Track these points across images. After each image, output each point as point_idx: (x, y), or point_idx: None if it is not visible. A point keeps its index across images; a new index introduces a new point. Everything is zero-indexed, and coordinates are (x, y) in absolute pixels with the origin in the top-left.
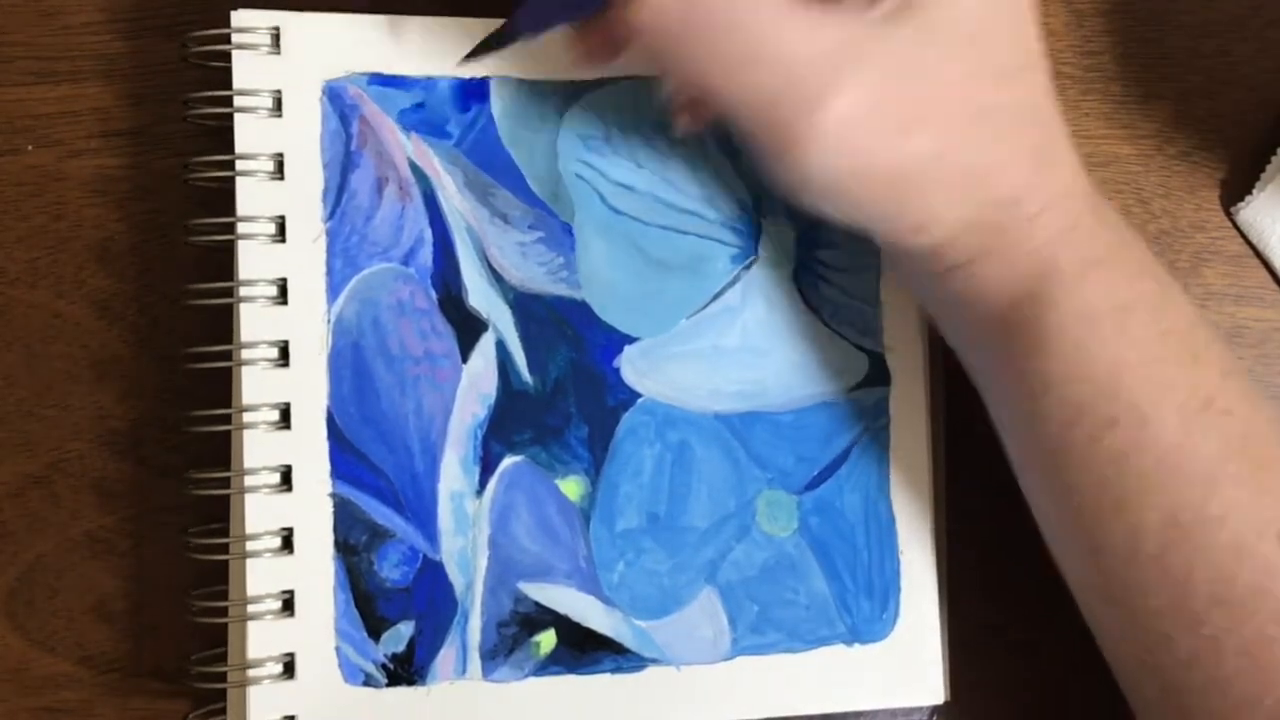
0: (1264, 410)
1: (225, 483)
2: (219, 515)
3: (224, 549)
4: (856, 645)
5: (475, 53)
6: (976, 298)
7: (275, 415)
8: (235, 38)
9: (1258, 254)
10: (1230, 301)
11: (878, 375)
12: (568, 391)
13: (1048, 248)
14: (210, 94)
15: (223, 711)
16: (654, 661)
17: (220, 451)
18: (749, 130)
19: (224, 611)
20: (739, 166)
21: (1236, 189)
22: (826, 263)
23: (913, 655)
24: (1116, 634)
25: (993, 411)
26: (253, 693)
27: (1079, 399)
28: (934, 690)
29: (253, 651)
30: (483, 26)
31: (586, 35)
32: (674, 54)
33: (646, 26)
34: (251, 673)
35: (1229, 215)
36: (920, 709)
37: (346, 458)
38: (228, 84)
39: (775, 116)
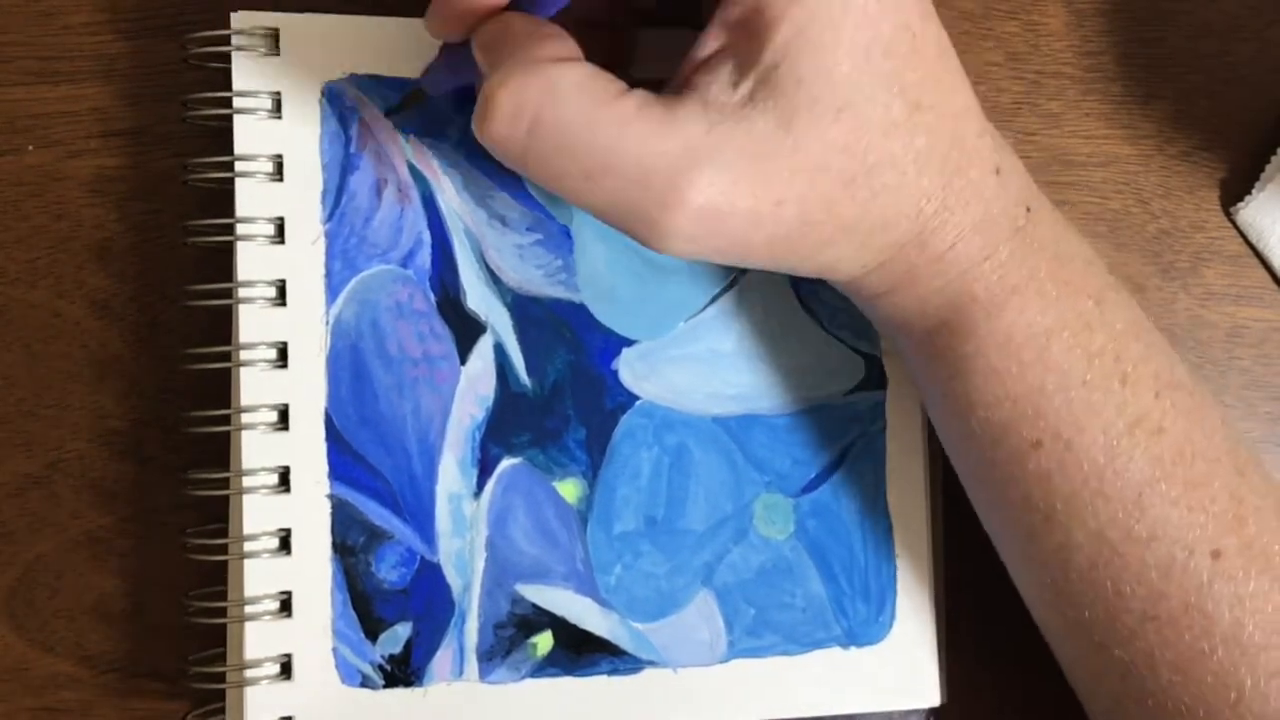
0: (1203, 424)
1: (224, 483)
2: (219, 515)
3: (222, 549)
4: (852, 648)
5: (395, 109)
6: (900, 323)
7: (274, 416)
8: (235, 39)
9: (1257, 254)
10: (1230, 301)
11: (874, 379)
12: (566, 394)
13: (960, 280)
14: (210, 95)
15: (221, 711)
16: (650, 664)
17: (220, 451)
18: (614, 227)
19: (222, 612)
20: None
21: (1236, 189)
22: None
23: (908, 658)
24: (1060, 640)
25: (931, 418)
26: (250, 693)
27: (1000, 421)
28: (930, 693)
29: (250, 652)
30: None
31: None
32: (526, 167)
33: (494, 142)
34: (249, 673)
35: (1229, 215)
36: (916, 711)
37: (344, 459)
38: (227, 85)
39: (634, 218)
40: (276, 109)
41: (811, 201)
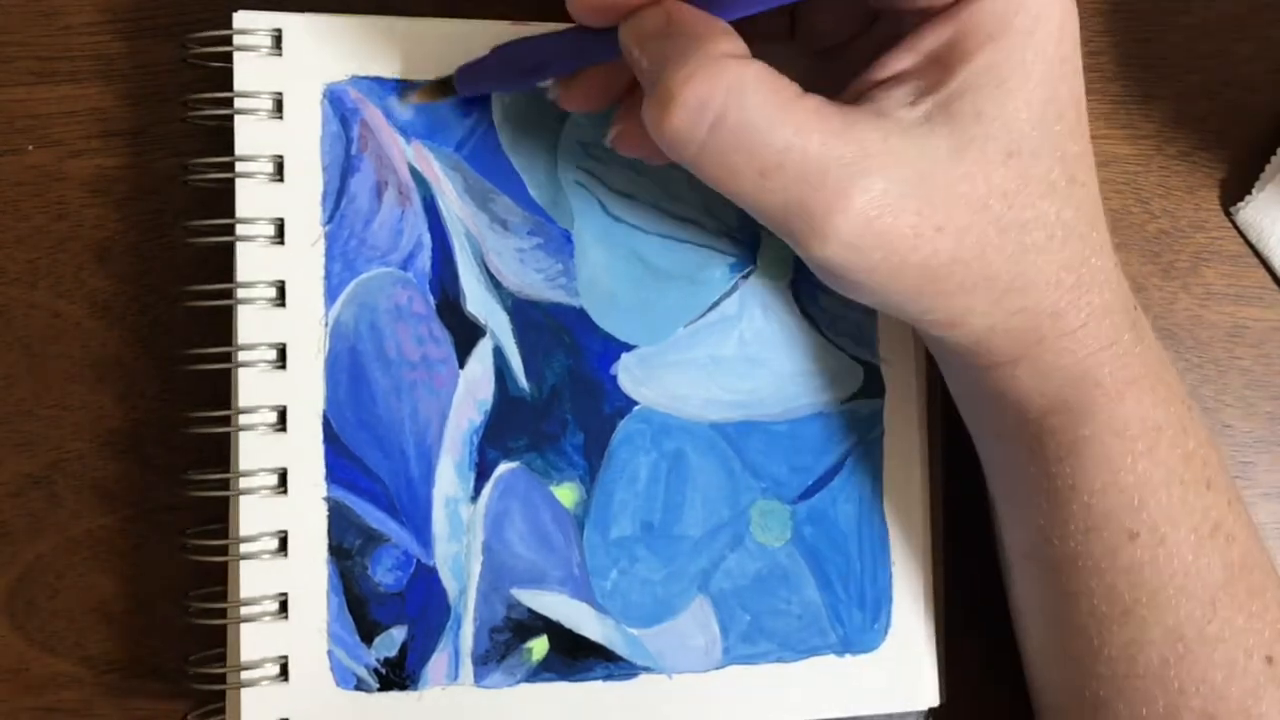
0: (1257, 539)
1: (223, 484)
2: (219, 516)
3: (221, 550)
4: (848, 655)
5: (411, 97)
6: (1011, 399)
7: (273, 417)
8: (236, 39)
9: (1257, 254)
10: (1230, 301)
11: (873, 386)
12: (564, 398)
13: (1087, 362)
14: (210, 95)
15: (221, 712)
16: (646, 669)
17: (220, 452)
18: (773, 227)
19: (222, 613)
20: None
21: (1236, 189)
22: None
23: (904, 666)
24: None
25: (1005, 512)
26: (245, 695)
27: (1104, 509)
28: (925, 700)
29: (246, 654)
30: (484, 30)
31: (574, 87)
32: (697, 163)
33: (669, 138)
34: (246, 674)
35: (1229, 215)
36: (911, 714)
37: (341, 461)
38: (228, 85)
39: (798, 218)
40: (278, 109)
41: (968, 236)
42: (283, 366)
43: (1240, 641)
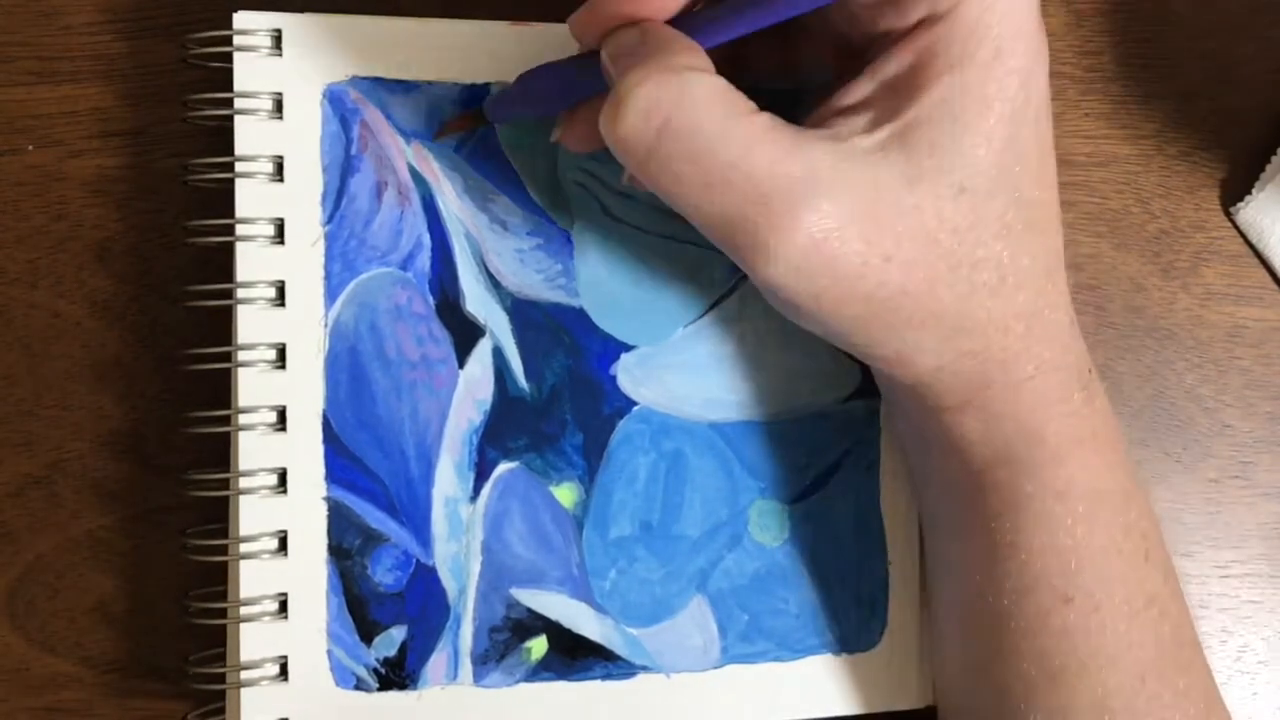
0: (1188, 615)
1: (223, 484)
2: (219, 515)
3: (221, 550)
4: (845, 654)
5: (444, 131)
6: (957, 446)
7: (272, 417)
8: (236, 39)
9: (1257, 254)
10: (1230, 301)
11: (870, 386)
12: (564, 398)
13: (1034, 417)
14: (210, 95)
15: (221, 712)
16: (644, 669)
17: (221, 452)
18: (719, 243)
19: (222, 613)
20: None
21: (1236, 189)
22: None
23: (901, 664)
24: None
25: (937, 569)
26: (245, 695)
27: (1040, 569)
28: (922, 698)
29: (246, 654)
30: (483, 30)
31: (573, 124)
32: (645, 169)
33: (619, 141)
34: (246, 674)
35: (1229, 215)
36: (910, 713)
37: (341, 461)
38: (228, 85)
39: (743, 234)
40: (277, 110)
41: (916, 270)
42: (282, 366)
43: (1166, 717)
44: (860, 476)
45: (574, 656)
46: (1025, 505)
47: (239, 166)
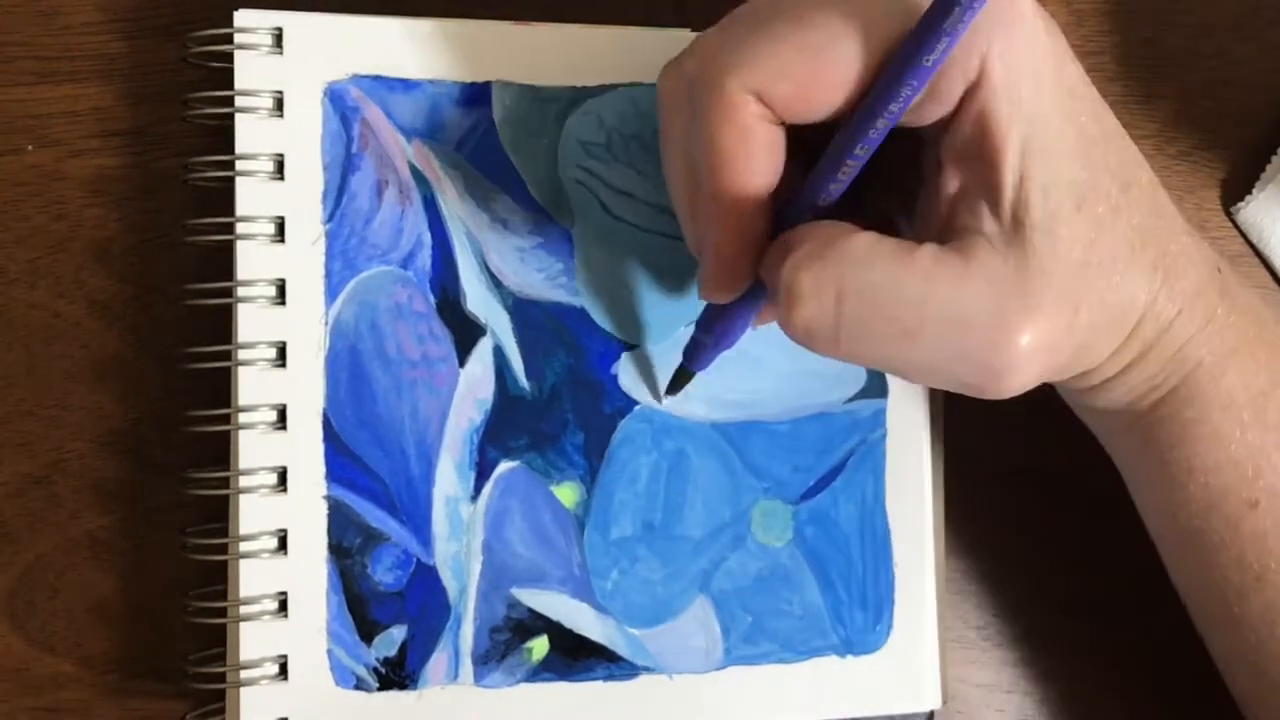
0: None
1: (223, 483)
2: (219, 515)
3: (221, 549)
4: (849, 656)
5: (669, 391)
6: (1122, 403)
7: (273, 416)
8: (237, 38)
9: (1258, 254)
10: None
11: (876, 386)
12: (564, 398)
13: (1188, 347)
14: (211, 94)
15: (221, 711)
16: (646, 670)
17: (220, 451)
18: (941, 384)
19: (222, 612)
20: None
21: (1236, 189)
22: None
23: (906, 667)
24: (1255, 698)
25: (1134, 493)
26: (245, 694)
27: (1220, 484)
28: (927, 701)
29: (246, 653)
30: (486, 30)
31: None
32: (839, 346)
33: (804, 332)
34: (246, 674)
35: (1229, 215)
36: (914, 716)
37: (341, 460)
38: (228, 84)
39: (966, 366)
40: (278, 108)
41: (1089, 300)
42: (283, 365)
43: None
44: (865, 477)
45: (575, 657)
46: (1193, 430)
47: (239, 165)
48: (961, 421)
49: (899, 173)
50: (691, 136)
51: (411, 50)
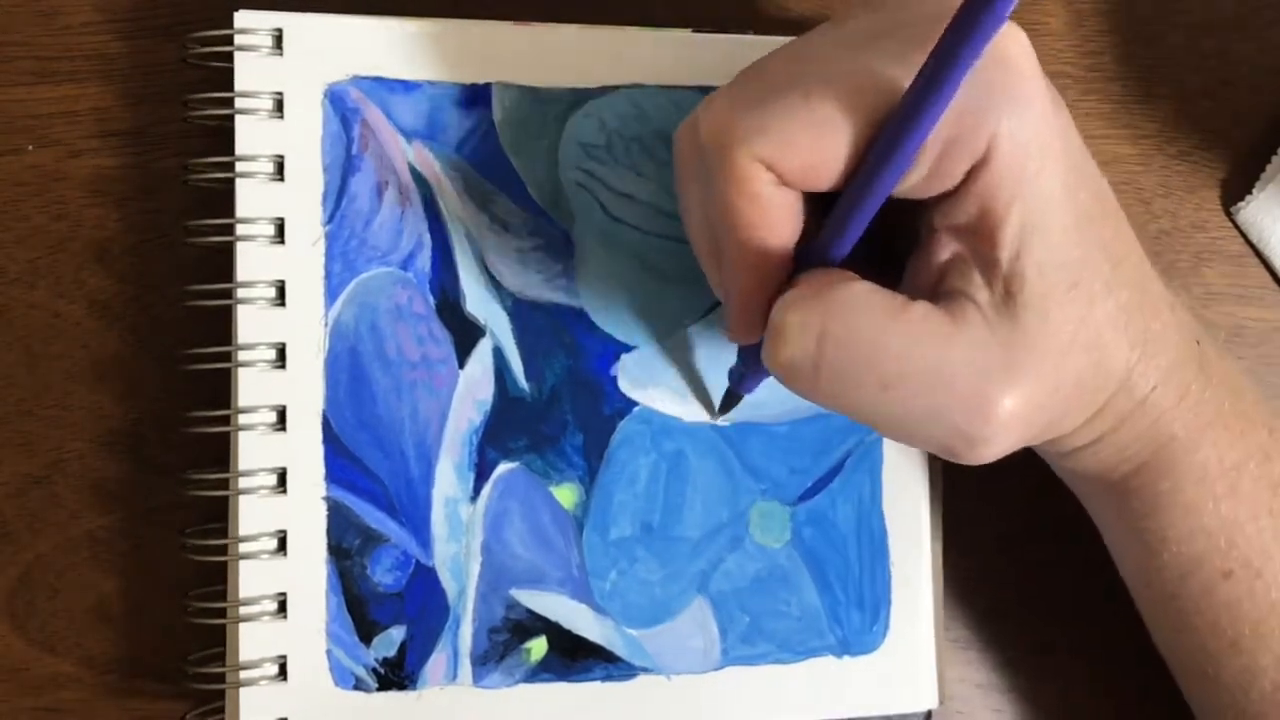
0: None
1: (222, 484)
2: (219, 515)
3: (221, 550)
4: (846, 657)
5: (722, 410)
6: (1094, 470)
7: (272, 417)
8: (237, 39)
9: (1258, 254)
10: (1230, 301)
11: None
12: (564, 399)
13: (1161, 422)
14: (211, 95)
15: (221, 711)
16: (644, 670)
17: (221, 451)
18: (909, 441)
19: (221, 612)
20: None
21: (1236, 189)
22: None
23: (903, 667)
24: None
25: (1110, 550)
26: (244, 694)
27: (1194, 554)
28: (925, 701)
29: (246, 653)
30: (486, 31)
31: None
32: (816, 387)
33: (785, 369)
34: (245, 674)
35: (1229, 215)
36: (912, 716)
37: (341, 461)
38: (228, 85)
39: (942, 428)
40: (278, 109)
41: (1069, 378)
42: (282, 366)
43: None
44: (863, 478)
45: (574, 658)
46: (1167, 501)
47: (239, 166)
48: None
49: (896, 231)
50: (708, 199)
51: (412, 51)
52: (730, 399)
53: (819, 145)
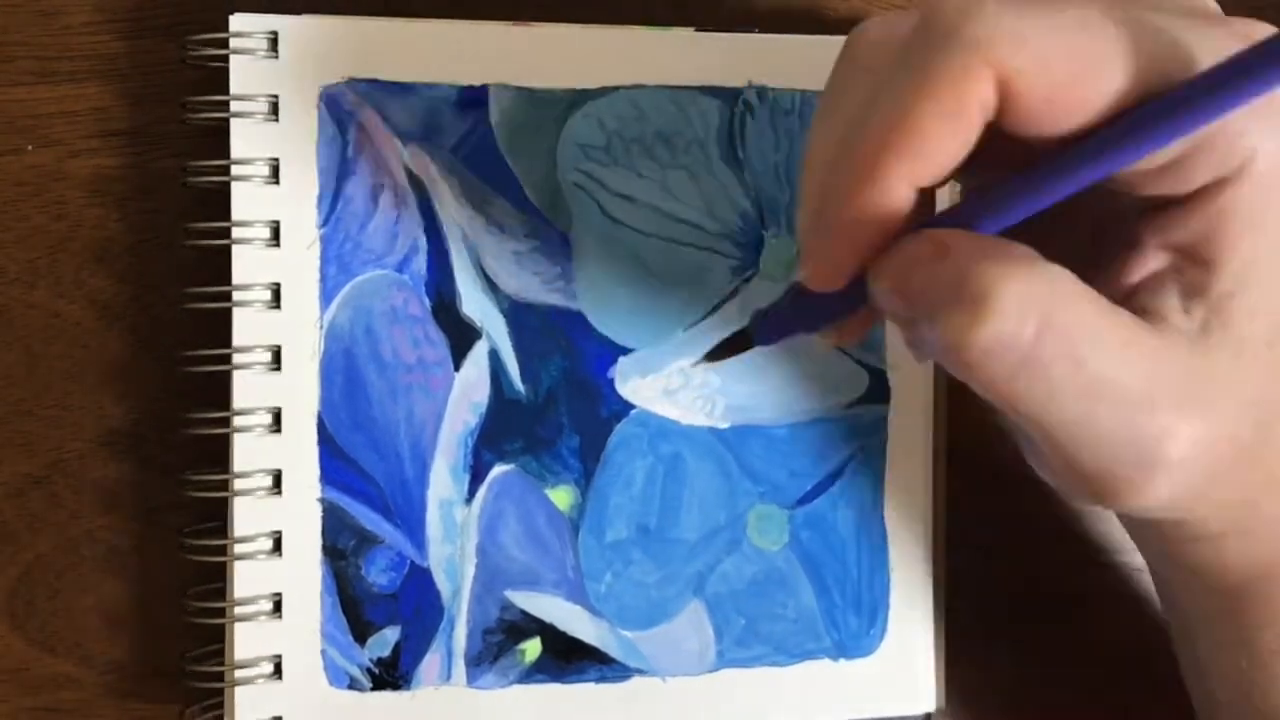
0: None
1: (220, 485)
2: (218, 515)
3: (219, 550)
4: (842, 660)
5: (712, 355)
6: (1213, 570)
7: (268, 419)
8: (233, 41)
9: None
10: None
11: (877, 392)
12: (560, 401)
13: None
14: (207, 99)
15: (219, 709)
16: (639, 672)
17: (220, 452)
18: (1064, 470)
19: (220, 612)
20: (742, 177)
21: None
22: None
23: (901, 670)
24: None
25: (1183, 645)
26: (239, 693)
27: None
28: (923, 704)
29: (241, 653)
30: (483, 32)
31: (840, 332)
32: (1013, 380)
33: (984, 349)
34: (240, 673)
35: None
36: (911, 719)
37: (336, 463)
38: (227, 86)
39: (1123, 452)
40: (274, 112)
41: (1245, 434)
42: (278, 369)
43: None
44: (864, 483)
45: (568, 659)
46: None
47: (235, 170)
48: (962, 422)
49: (1074, 218)
50: (873, 103)
51: (407, 53)
52: (730, 348)
53: (1075, 83)
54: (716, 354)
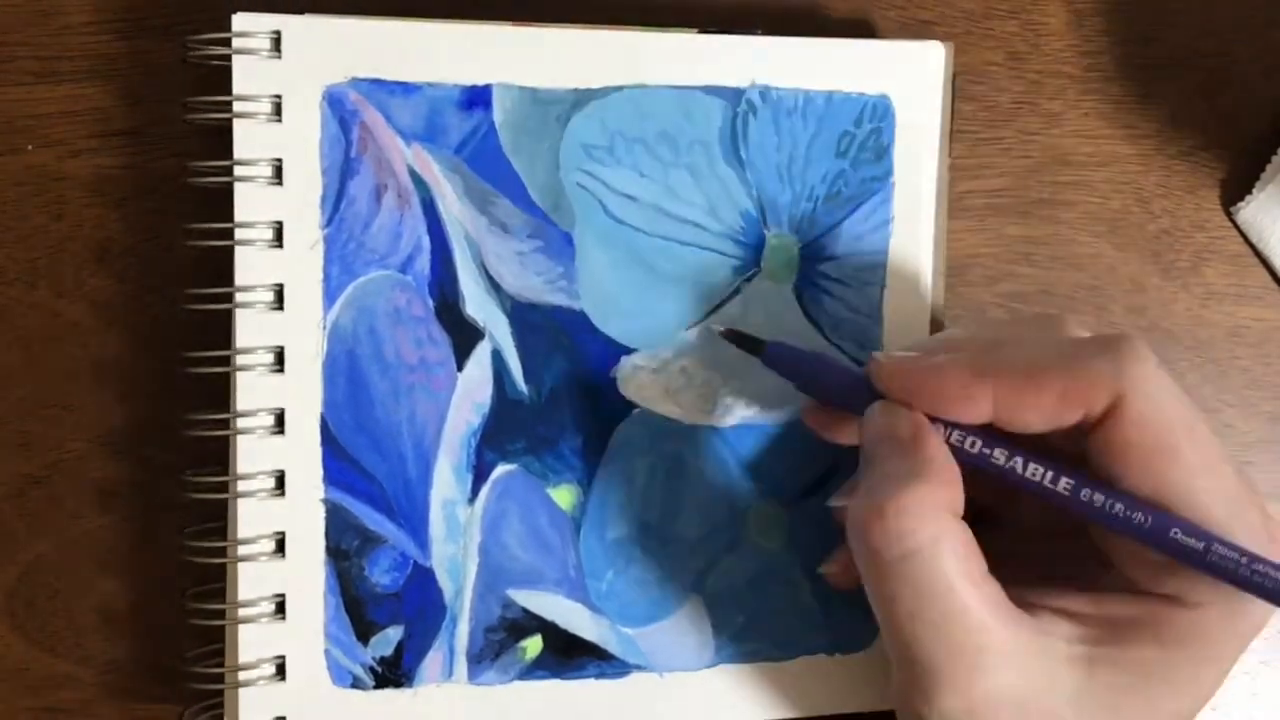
0: None
1: (221, 486)
2: (219, 515)
3: (220, 552)
4: (839, 655)
5: (727, 334)
6: None
7: (270, 420)
8: (235, 41)
9: (1258, 254)
10: (1230, 301)
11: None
12: (562, 401)
13: None
14: (209, 99)
15: (219, 709)
16: (638, 668)
17: (220, 452)
18: (892, 654)
19: (220, 613)
20: (744, 177)
21: (1236, 189)
22: (829, 276)
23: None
24: None
25: None
26: (243, 694)
27: None
28: None
29: (244, 654)
30: (485, 32)
31: (820, 416)
32: (871, 572)
33: (867, 542)
34: (243, 674)
35: (1229, 215)
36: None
37: (339, 464)
38: (228, 85)
39: (920, 668)
40: (276, 112)
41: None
42: (281, 370)
43: None
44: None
45: (568, 656)
46: None
47: (238, 170)
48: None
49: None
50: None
51: (411, 53)
52: (742, 340)
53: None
54: (731, 335)
